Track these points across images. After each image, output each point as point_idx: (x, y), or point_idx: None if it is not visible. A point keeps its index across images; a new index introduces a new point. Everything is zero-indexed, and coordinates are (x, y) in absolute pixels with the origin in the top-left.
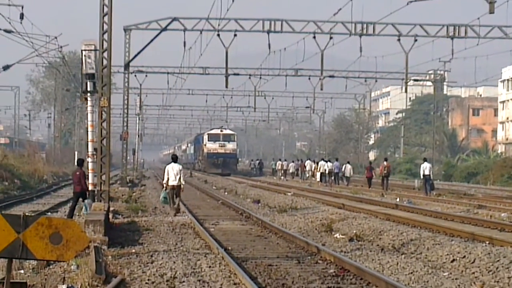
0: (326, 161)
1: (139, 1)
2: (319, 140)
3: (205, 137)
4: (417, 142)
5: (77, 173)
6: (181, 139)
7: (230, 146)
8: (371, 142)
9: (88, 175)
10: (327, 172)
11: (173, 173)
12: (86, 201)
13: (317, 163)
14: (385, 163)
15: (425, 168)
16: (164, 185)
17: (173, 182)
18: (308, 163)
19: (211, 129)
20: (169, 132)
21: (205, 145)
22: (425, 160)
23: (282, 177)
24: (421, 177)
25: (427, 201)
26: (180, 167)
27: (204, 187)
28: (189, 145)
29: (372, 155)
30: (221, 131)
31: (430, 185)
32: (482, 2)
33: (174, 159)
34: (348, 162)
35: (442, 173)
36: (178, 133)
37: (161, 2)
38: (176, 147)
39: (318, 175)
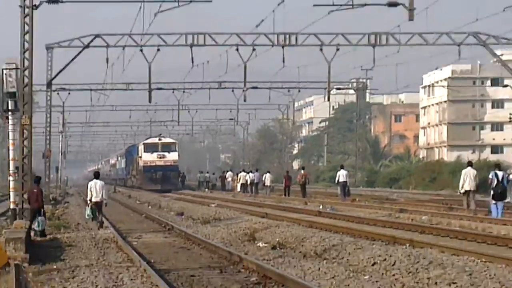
0: (247, 172)
1: (61, 19)
2: (243, 151)
3: (141, 147)
4: (341, 150)
5: (34, 190)
6: (106, 155)
7: (171, 157)
8: (295, 151)
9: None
10: (248, 182)
11: (95, 190)
12: (40, 218)
13: (237, 174)
14: (302, 171)
15: (341, 174)
16: (88, 202)
17: (96, 198)
18: (229, 174)
19: (148, 138)
20: (93, 149)
21: (140, 157)
22: (341, 167)
23: (206, 189)
24: (337, 183)
25: (350, 207)
26: (103, 183)
27: (128, 202)
28: (119, 158)
29: (296, 164)
30: (160, 139)
31: (346, 191)
32: (402, 10)
33: (96, 176)
34: (268, 172)
35: (365, 180)
36: (103, 150)
37: (84, 19)
38: (103, 162)
39: (238, 186)
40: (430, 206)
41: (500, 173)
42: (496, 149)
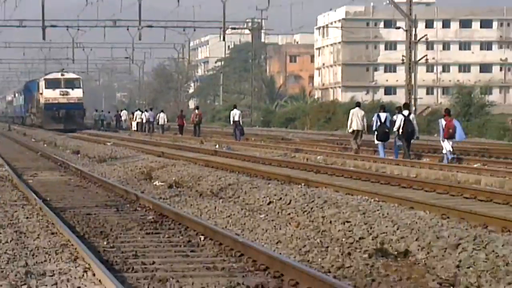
0: (143, 111)
1: None
2: (139, 90)
3: (42, 83)
4: (236, 89)
5: None
6: (0, 92)
7: (75, 93)
8: (191, 90)
9: None
10: (144, 121)
11: None
12: None
13: (133, 113)
14: (196, 111)
15: (235, 114)
16: None
17: None
18: (123, 113)
19: (49, 73)
20: None
21: (41, 93)
22: (234, 107)
23: (101, 127)
24: (232, 123)
25: (246, 147)
26: None
27: (23, 140)
28: (17, 95)
29: (192, 104)
30: (62, 75)
31: (240, 130)
32: None
33: None
34: (162, 111)
35: (261, 120)
36: None
37: None
38: None
39: (134, 124)
40: (325, 146)
41: (383, 115)
42: (389, 90)
